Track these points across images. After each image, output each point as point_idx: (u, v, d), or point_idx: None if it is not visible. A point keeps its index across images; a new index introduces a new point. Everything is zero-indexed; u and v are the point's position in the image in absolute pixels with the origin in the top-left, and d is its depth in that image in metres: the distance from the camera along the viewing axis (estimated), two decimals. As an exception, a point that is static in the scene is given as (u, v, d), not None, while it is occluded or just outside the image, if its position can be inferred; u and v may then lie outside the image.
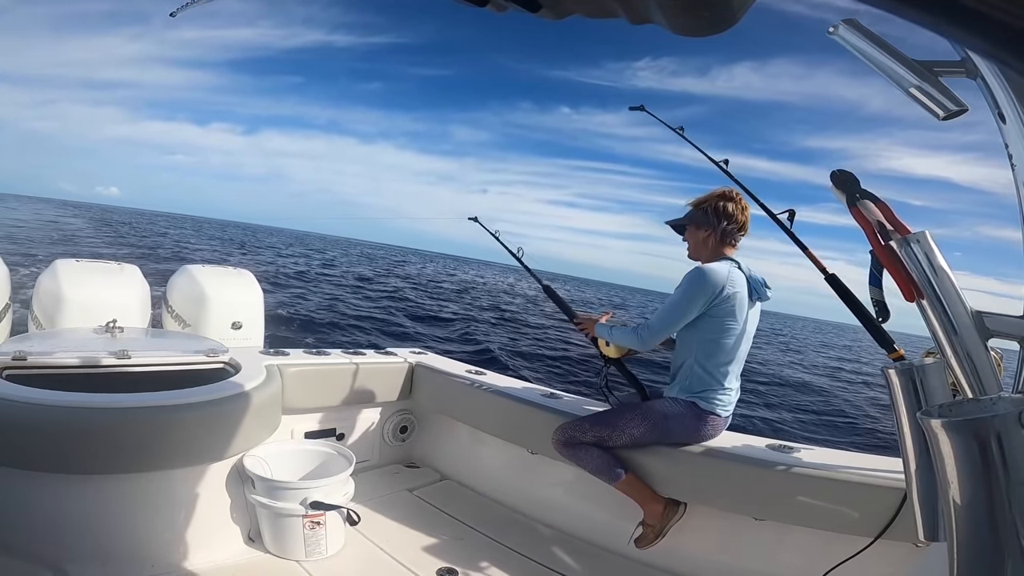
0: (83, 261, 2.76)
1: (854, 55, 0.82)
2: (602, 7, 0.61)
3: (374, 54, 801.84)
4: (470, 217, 2.84)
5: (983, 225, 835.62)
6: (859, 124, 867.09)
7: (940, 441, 0.62)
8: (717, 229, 1.99)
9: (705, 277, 1.88)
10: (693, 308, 1.89)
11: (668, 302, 1.94)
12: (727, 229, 1.98)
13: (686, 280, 1.91)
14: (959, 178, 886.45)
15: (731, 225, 1.98)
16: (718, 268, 1.90)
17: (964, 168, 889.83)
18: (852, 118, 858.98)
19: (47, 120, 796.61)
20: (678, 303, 1.91)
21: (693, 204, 2.07)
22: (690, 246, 2.07)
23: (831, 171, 1.11)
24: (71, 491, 1.66)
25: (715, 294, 1.87)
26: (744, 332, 1.94)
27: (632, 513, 2.03)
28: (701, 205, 2.04)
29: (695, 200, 2.07)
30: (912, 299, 0.94)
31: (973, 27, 0.28)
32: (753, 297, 1.96)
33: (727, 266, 1.92)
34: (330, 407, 2.55)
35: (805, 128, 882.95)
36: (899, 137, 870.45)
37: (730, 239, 2.00)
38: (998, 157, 0.78)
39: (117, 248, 20.02)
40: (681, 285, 1.92)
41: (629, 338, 2.04)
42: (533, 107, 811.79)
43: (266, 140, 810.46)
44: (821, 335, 62.16)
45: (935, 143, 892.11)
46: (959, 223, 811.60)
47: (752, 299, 1.96)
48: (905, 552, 1.61)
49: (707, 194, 2.05)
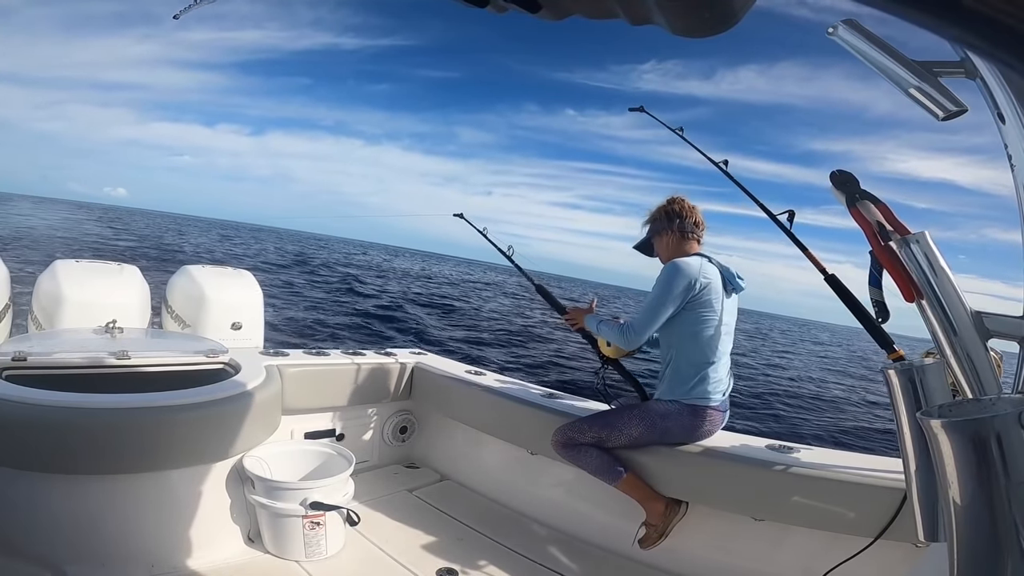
0: (83, 262, 2.75)
1: (854, 56, 0.82)
2: (602, 8, 0.61)
3: (381, 56, 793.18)
4: (455, 214, 2.82)
5: (989, 228, 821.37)
6: (864, 127, 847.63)
7: (940, 441, 0.62)
8: (674, 227, 2.07)
9: (679, 270, 1.93)
10: (672, 302, 1.93)
11: (647, 301, 1.98)
12: (682, 225, 2.06)
13: (662, 276, 1.96)
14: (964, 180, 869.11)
15: (685, 221, 2.06)
16: (690, 261, 1.96)
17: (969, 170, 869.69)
18: (857, 121, 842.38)
19: (55, 121, 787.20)
20: (657, 299, 1.95)
21: (647, 223, 2.18)
22: (661, 255, 2.14)
23: (831, 172, 1.11)
24: (71, 491, 1.66)
25: (691, 286, 1.92)
26: (723, 323, 1.97)
27: (632, 513, 2.03)
28: (654, 217, 2.15)
29: (647, 219, 2.18)
30: (912, 299, 0.94)
31: (973, 27, 0.28)
32: (728, 288, 2.01)
33: (698, 260, 1.98)
34: (330, 408, 2.55)
35: (809, 131, 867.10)
36: (904, 139, 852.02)
37: (690, 234, 2.07)
38: (1003, 159, 0.78)
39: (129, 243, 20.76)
40: (658, 282, 1.97)
41: (616, 336, 2.06)
42: (538, 109, 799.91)
43: (273, 141, 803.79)
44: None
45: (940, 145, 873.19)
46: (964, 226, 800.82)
47: (727, 290, 2.01)
48: (905, 552, 1.61)
49: (653, 209, 2.16)
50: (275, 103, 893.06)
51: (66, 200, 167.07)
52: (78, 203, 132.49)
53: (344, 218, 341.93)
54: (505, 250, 2.61)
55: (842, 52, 0.82)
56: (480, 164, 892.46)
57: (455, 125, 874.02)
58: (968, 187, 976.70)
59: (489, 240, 2.64)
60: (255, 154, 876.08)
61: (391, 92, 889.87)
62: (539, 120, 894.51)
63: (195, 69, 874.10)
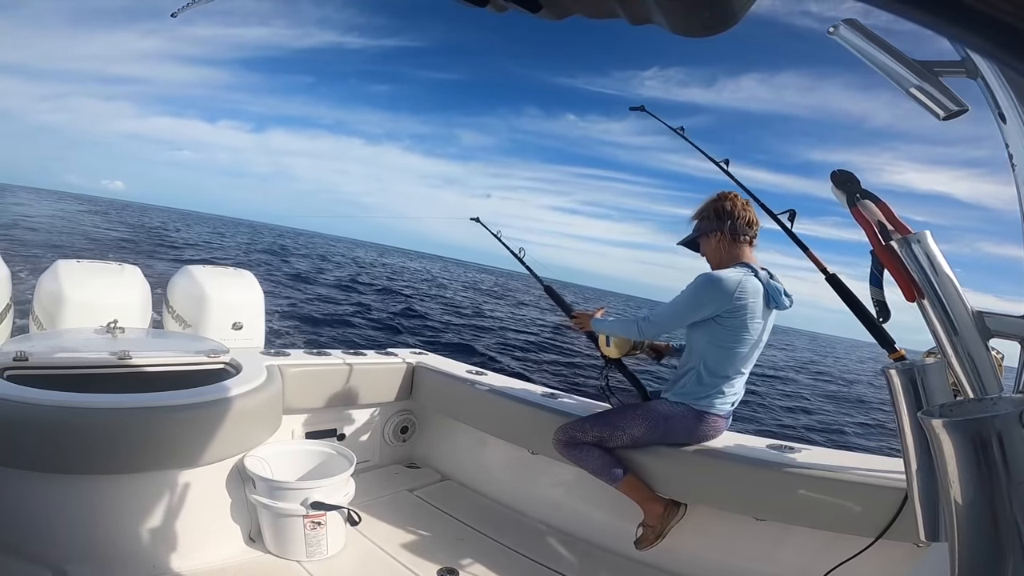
0: (84, 262, 2.76)
1: (855, 55, 0.82)
2: (602, 7, 0.61)
3: (384, 56, 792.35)
4: (472, 217, 2.84)
5: (983, 242, 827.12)
6: (863, 137, 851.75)
7: (941, 441, 0.62)
8: (724, 229, 1.93)
9: (714, 285, 1.82)
10: (697, 313, 1.87)
11: (674, 300, 1.91)
12: (734, 226, 1.93)
13: (695, 283, 1.86)
14: (960, 194, 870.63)
15: (736, 221, 1.93)
16: (730, 277, 1.83)
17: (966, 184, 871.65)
18: (856, 131, 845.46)
19: (58, 113, 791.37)
20: (683, 305, 1.89)
21: (695, 217, 2.04)
22: (710, 259, 2.01)
23: (832, 171, 1.11)
24: (72, 491, 1.66)
25: (723, 304, 1.82)
26: (757, 341, 1.89)
27: (632, 513, 2.03)
28: (702, 214, 2.01)
29: (695, 213, 2.05)
30: (913, 299, 0.94)
31: (973, 27, 0.28)
32: (771, 305, 1.89)
33: (740, 273, 1.85)
34: (331, 407, 2.55)
35: (809, 141, 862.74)
36: (902, 151, 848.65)
37: (742, 236, 1.93)
38: (1000, 173, 0.78)
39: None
40: (690, 287, 1.88)
41: (628, 328, 2.03)
42: (540, 113, 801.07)
43: (274, 139, 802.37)
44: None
45: (938, 158, 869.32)
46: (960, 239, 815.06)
47: (769, 307, 1.89)
48: (906, 552, 1.61)
49: (703, 203, 2.03)
50: (277, 100, 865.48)
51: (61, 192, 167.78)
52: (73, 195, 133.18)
53: (351, 218, 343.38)
54: (517, 252, 2.63)
55: (843, 62, 0.82)
56: (480, 167, 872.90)
57: (456, 127, 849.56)
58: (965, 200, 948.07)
59: (504, 244, 2.65)
60: (255, 151, 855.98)
61: (393, 92, 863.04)
62: (540, 124, 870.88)
63: (199, 64, 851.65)
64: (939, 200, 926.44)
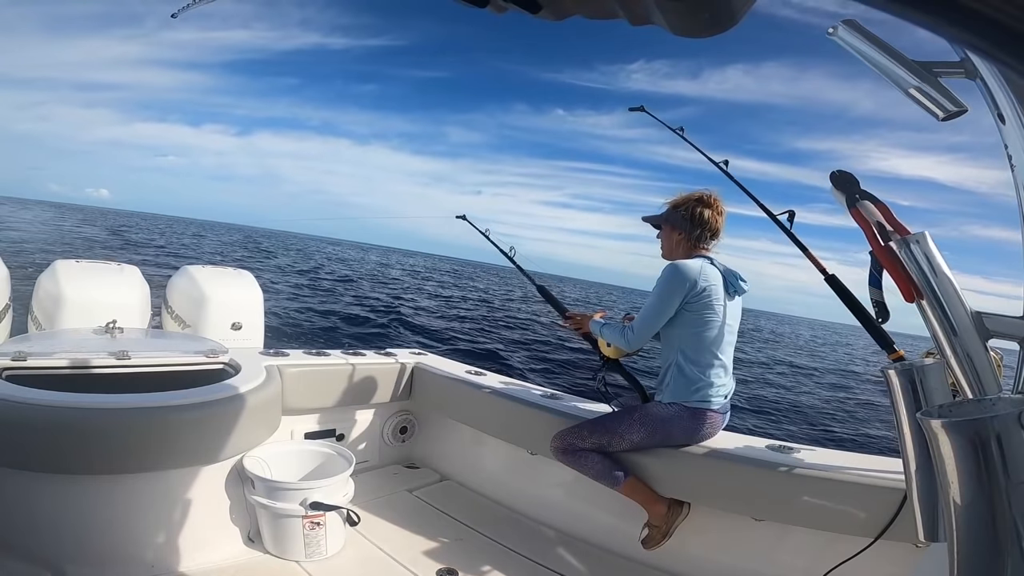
0: (83, 262, 2.76)
1: (853, 56, 0.82)
2: (603, 8, 0.61)
3: (369, 56, 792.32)
4: (458, 215, 2.82)
5: (970, 224, 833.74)
6: (847, 126, 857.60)
7: (940, 441, 0.62)
8: (691, 235, 2.01)
9: (678, 272, 1.92)
10: (671, 303, 1.92)
11: (647, 303, 1.97)
12: (700, 235, 2.01)
13: (661, 278, 1.95)
14: (945, 178, 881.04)
15: (705, 232, 2.01)
16: (691, 263, 1.94)
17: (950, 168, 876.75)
18: (841, 120, 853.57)
19: (38, 122, 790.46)
20: (656, 301, 1.94)
21: (672, 204, 2.07)
22: (663, 246, 2.10)
23: (831, 172, 1.11)
24: (71, 492, 1.66)
25: (690, 288, 1.90)
26: (724, 324, 1.96)
27: (632, 513, 2.03)
28: (679, 207, 2.04)
29: (674, 200, 2.07)
30: (912, 299, 0.94)
31: (973, 28, 0.28)
32: (730, 291, 1.98)
33: (699, 262, 1.96)
34: (330, 408, 2.55)
35: (795, 130, 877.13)
36: (887, 139, 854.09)
37: (703, 244, 2.03)
38: (984, 158, 0.78)
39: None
40: (658, 284, 1.95)
41: (617, 337, 2.06)
42: (527, 109, 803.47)
43: (260, 141, 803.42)
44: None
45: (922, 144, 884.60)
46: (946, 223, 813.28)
47: (729, 292, 1.98)
48: (905, 552, 1.61)
49: (686, 196, 2.05)
50: (262, 103, 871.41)
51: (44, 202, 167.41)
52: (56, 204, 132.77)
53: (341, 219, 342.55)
54: (507, 251, 2.61)
55: (827, 52, 0.82)
56: (469, 164, 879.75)
57: (444, 125, 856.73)
58: (949, 185, 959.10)
59: (491, 241, 2.64)
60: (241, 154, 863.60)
61: (379, 92, 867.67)
62: (528, 120, 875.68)
63: (180, 69, 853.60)
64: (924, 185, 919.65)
